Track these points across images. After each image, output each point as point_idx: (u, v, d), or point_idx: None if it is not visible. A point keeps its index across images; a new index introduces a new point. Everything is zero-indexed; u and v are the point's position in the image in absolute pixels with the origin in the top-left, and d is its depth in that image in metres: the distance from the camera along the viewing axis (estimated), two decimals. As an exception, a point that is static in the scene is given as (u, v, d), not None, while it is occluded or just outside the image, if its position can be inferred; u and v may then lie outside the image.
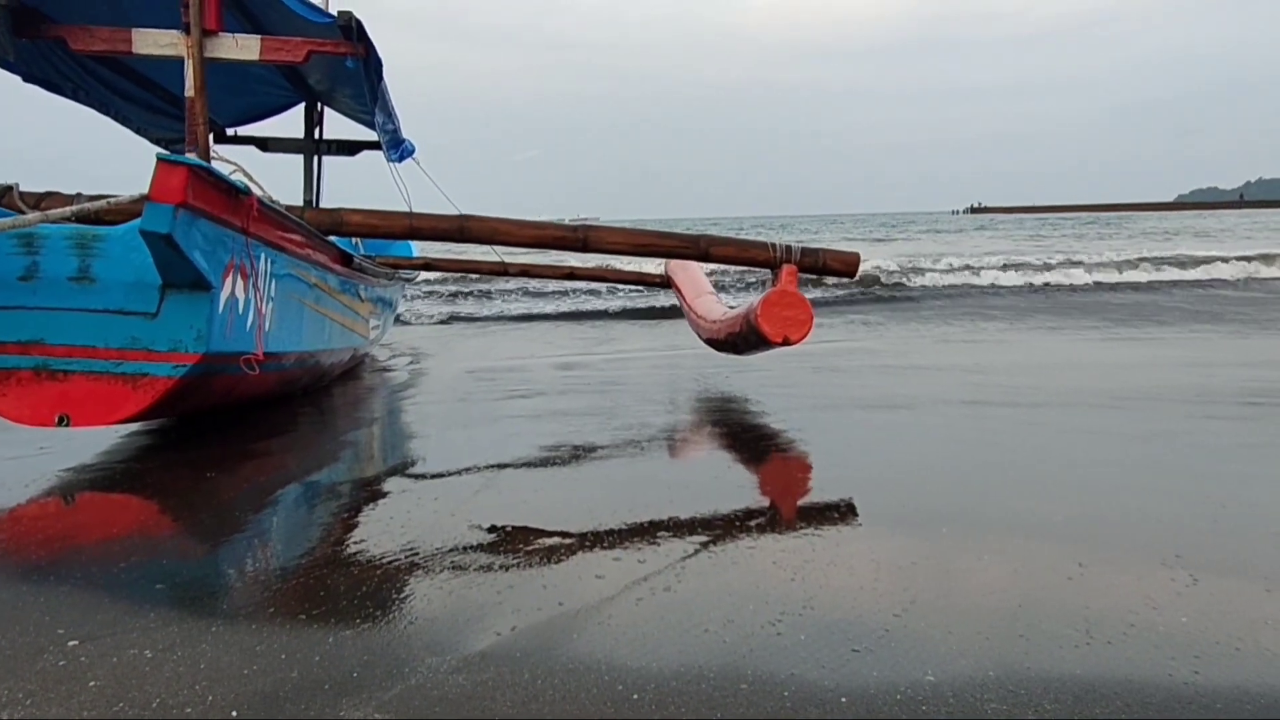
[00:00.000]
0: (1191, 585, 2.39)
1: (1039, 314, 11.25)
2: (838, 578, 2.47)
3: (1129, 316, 10.84)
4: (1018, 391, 5.68)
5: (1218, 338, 8.67)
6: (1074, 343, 8.44)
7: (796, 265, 5.49)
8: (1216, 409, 4.91)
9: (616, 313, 12.49)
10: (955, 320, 10.82)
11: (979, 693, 1.84)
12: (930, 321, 10.74)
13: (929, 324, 10.46)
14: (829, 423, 4.87)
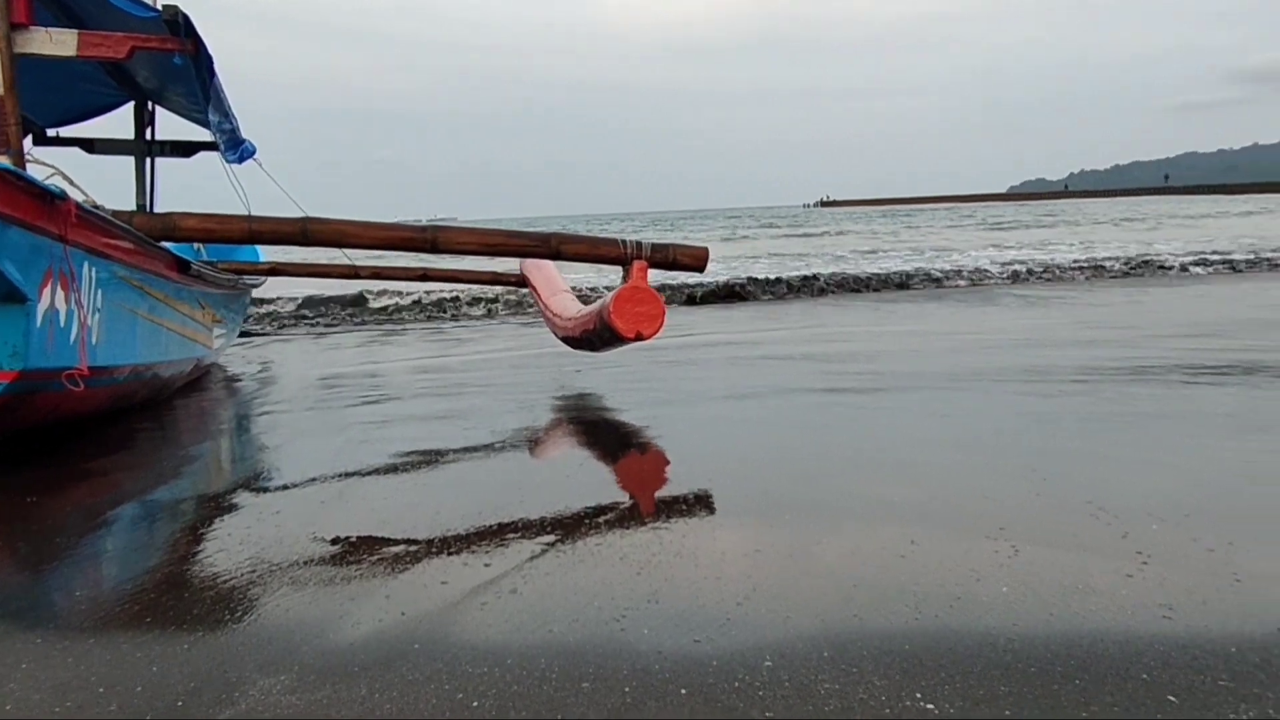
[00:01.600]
0: (1013, 556, 2.52)
1: (891, 303, 11.70)
2: (683, 570, 2.50)
3: (965, 302, 11.39)
4: (860, 377, 5.89)
5: (1052, 312, 9.21)
6: (911, 326, 8.81)
7: (647, 261, 5.55)
8: (1048, 386, 5.21)
9: (479, 315, 12.35)
10: (802, 311, 11.14)
11: (813, 674, 1.90)
12: (779, 314, 11.02)
13: (778, 317, 10.73)
14: (683, 416, 4.93)
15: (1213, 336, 7.27)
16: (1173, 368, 5.72)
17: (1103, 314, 9.43)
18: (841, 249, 24.18)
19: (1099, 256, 16.53)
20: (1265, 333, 7.42)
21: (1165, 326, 8.18)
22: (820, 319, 10.13)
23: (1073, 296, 11.41)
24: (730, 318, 10.65)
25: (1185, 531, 2.66)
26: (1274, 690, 1.79)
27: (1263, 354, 6.17)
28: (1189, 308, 9.67)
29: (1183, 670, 1.87)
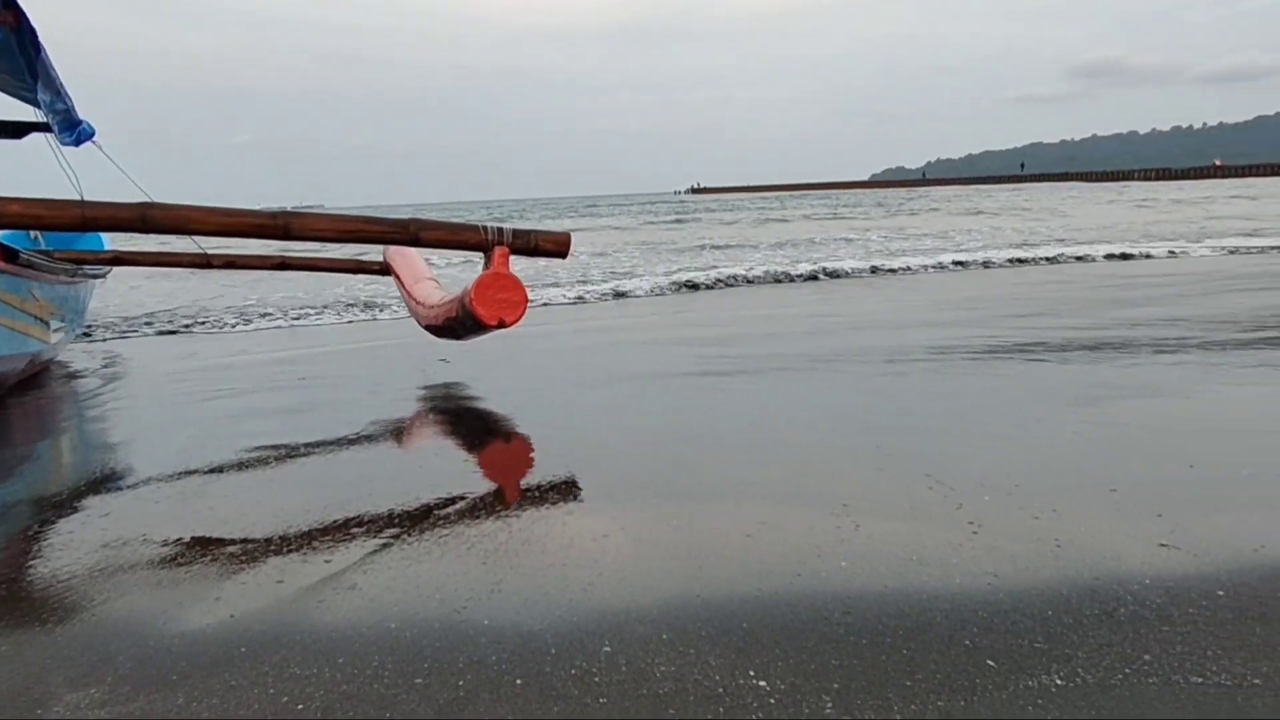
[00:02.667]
0: (854, 531, 2.58)
1: (763, 288, 11.89)
2: (530, 558, 2.47)
3: (824, 294, 11.69)
4: (727, 360, 5.96)
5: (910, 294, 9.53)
6: (780, 311, 8.99)
7: (509, 247, 5.47)
8: (899, 366, 5.38)
9: (348, 303, 11.99)
10: (677, 300, 11.22)
11: (651, 658, 1.90)
12: (654, 302, 11.08)
13: (654, 305, 10.79)
14: (548, 403, 4.89)
15: (1054, 315, 7.65)
16: (1015, 346, 5.98)
17: (954, 296, 9.81)
18: (716, 238, 24.50)
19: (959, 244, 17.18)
20: (1106, 311, 7.84)
21: (1012, 306, 8.56)
22: (695, 305, 10.22)
23: (926, 282, 11.84)
24: (604, 306, 10.65)
25: (1014, 501, 2.78)
26: (1084, 650, 1.88)
27: (1102, 331, 6.53)
28: (1033, 290, 10.16)
29: (1003, 635, 1.95)
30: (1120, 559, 2.30)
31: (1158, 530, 2.48)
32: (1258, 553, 2.31)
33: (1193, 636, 1.92)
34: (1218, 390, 4.41)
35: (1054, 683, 1.75)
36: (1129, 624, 1.98)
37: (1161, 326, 6.63)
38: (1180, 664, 1.81)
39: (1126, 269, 11.83)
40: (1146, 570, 2.23)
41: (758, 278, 12.12)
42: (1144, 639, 1.91)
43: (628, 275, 13.14)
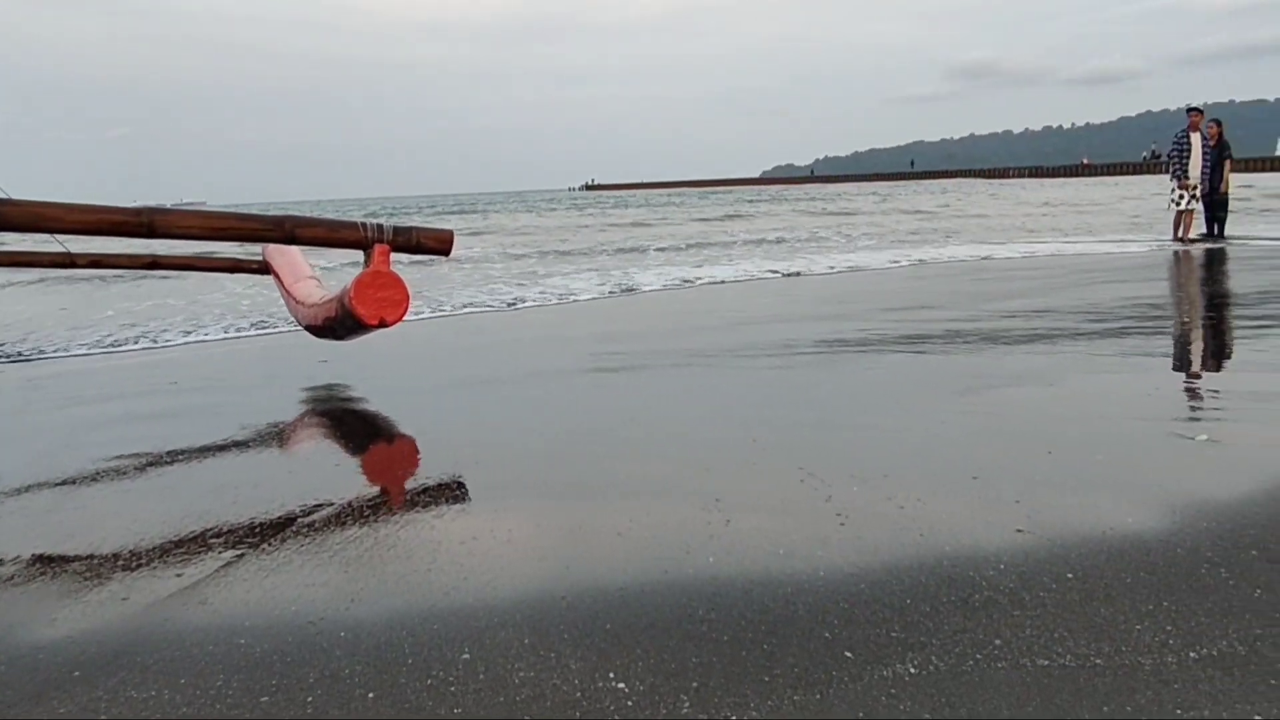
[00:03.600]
0: (725, 526, 2.58)
1: (671, 290, 11.92)
2: (395, 564, 2.40)
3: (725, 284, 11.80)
4: (619, 357, 5.95)
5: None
6: (677, 307, 9.03)
7: (389, 245, 5.35)
8: (783, 360, 5.44)
9: (225, 306, 11.56)
10: (579, 293, 11.18)
11: (510, 664, 1.85)
12: (539, 302, 11.00)
13: (538, 306, 10.72)
14: (433, 403, 4.80)
15: (940, 308, 7.87)
16: (899, 339, 6.13)
17: (842, 291, 10.01)
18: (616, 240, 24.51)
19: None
20: (984, 304, 8.10)
21: (893, 300, 8.78)
22: (590, 306, 10.18)
23: (817, 278, 12.07)
24: (497, 308, 10.52)
25: (882, 491, 2.82)
26: (938, 637, 1.91)
27: (981, 323, 6.74)
28: (923, 284, 10.44)
29: (862, 626, 1.97)
30: (978, 545, 2.35)
31: (1015, 516, 2.54)
32: (1106, 535, 2.39)
33: (1042, 619, 1.97)
34: (1083, 378, 4.58)
35: (908, 671, 1.78)
36: (983, 609, 2.02)
37: (1034, 317, 6.88)
38: (1029, 647, 1.85)
39: (1005, 262, 12.27)
40: (1003, 555, 2.29)
41: (649, 283, 12.16)
42: (996, 624, 1.95)
43: (520, 279, 13.03)
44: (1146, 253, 12.68)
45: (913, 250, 14.94)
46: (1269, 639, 1.85)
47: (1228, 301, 7.81)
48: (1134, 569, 2.19)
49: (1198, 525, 2.42)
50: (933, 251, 14.33)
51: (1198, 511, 2.51)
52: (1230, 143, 13.87)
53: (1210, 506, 2.55)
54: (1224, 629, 1.90)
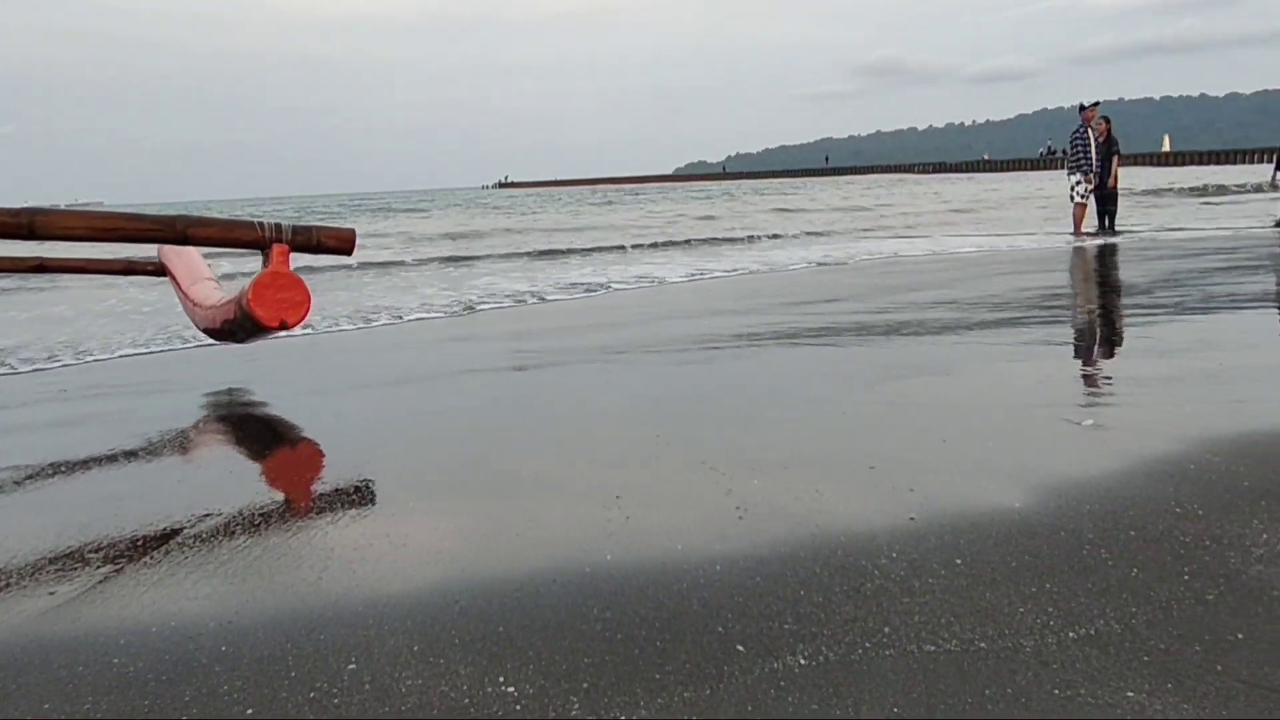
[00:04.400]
0: (624, 523, 2.57)
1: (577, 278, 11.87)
2: (282, 574, 2.33)
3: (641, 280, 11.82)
4: (535, 354, 5.90)
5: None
6: (593, 303, 9.00)
7: (289, 244, 5.21)
8: (688, 355, 5.46)
9: (123, 311, 11.14)
10: (497, 291, 11.06)
11: (398, 672, 1.81)
12: (436, 296, 10.87)
13: (437, 299, 10.58)
14: (339, 404, 4.69)
15: (846, 300, 8.00)
16: (810, 331, 6.21)
17: (760, 286, 10.11)
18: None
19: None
20: (891, 296, 8.26)
21: (805, 294, 8.89)
22: (512, 298, 10.08)
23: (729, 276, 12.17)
24: (409, 304, 10.35)
25: (782, 483, 2.84)
26: (829, 627, 1.92)
27: (891, 315, 6.86)
28: (824, 278, 10.61)
29: (755, 619, 1.97)
30: (873, 535, 2.38)
31: (908, 505, 2.58)
32: (994, 521, 2.44)
33: (930, 606, 2.00)
34: (981, 367, 4.70)
35: (798, 663, 1.78)
36: (874, 598, 2.04)
37: (938, 309, 7.03)
38: (917, 634, 1.88)
39: (914, 254, 12.53)
40: (895, 544, 2.32)
41: (571, 283, 12.10)
42: (886, 612, 1.98)
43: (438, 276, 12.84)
44: (1045, 246, 13.09)
45: (829, 244, 15.18)
46: (1143, 616, 1.91)
47: (1119, 291, 8.10)
48: (1020, 553, 2.24)
49: (1081, 508, 2.49)
50: (854, 245, 14.57)
51: (1081, 495, 2.58)
52: (1118, 139, 14.39)
53: (1093, 489, 2.62)
54: (1102, 609, 1.95)
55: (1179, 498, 2.52)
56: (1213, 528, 2.33)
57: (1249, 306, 6.58)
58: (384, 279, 11.99)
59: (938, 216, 21.63)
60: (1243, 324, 5.79)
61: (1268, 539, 2.25)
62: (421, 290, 10.54)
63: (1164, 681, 1.67)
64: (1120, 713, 1.59)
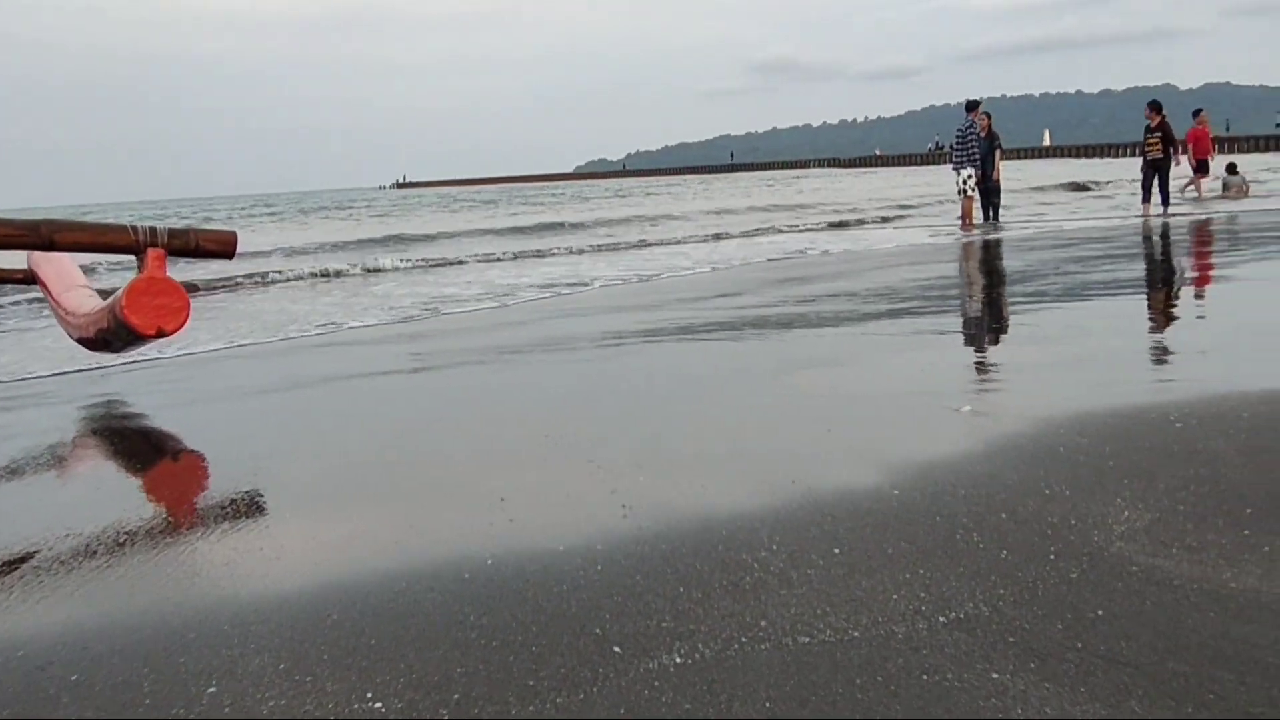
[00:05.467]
0: (508, 525, 2.53)
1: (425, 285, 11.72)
2: (143, 595, 2.22)
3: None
4: (415, 359, 5.79)
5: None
6: (490, 304, 8.89)
7: (164, 249, 5.01)
8: (581, 354, 5.43)
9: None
10: (383, 293, 10.85)
11: (262, 693, 1.73)
12: (321, 302, 10.64)
13: (330, 304, 10.35)
14: (217, 415, 4.52)
15: (745, 294, 8.08)
16: (704, 326, 6.24)
17: (655, 284, 10.14)
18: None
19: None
20: (789, 289, 8.37)
21: (707, 289, 8.95)
22: (399, 300, 9.90)
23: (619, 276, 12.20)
24: (295, 304, 10.07)
25: (667, 480, 2.84)
26: (707, 623, 1.91)
27: (787, 308, 6.95)
28: (727, 274, 10.71)
29: (634, 618, 1.95)
30: (754, 529, 2.38)
31: (791, 496, 2.60)
32: (873, 509, 2.47)
33: (807, 597, 2.01)
34: (871, 357, 4.80)
35: (674, 662, 1.77)
36: (752, 592, 2.05)
37: (833, 301, 7.16)
38: (793, 626, 1.89)
39: (814, 248, 12.75)
40: (776, 536, 2.33)
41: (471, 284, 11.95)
42: (764, 605, 1.98)
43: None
44: (935, 238, 13.45)
45: (733, 240, 15.34)
46: (1010, 598, 1.96)
47: (1002, 281, 8.38)
48: (896, 539, 2.28)
49: (957, 493, 2.55)
50: (757, 240, 14.75)
51: (957, 480, 2.64)
52: (1000, 134, 14.88)
53: (969, 475, 2.68)
54: (971, 592, 1.99)
55: (1048, 480, 2.60)
56: (1079, 507, 2.40)
57: (1119, 293, 6.87)
58: (281, 285, 11.66)
59: (837, 213, 22.04)
60: (1112, 310, 6.04)
61: (1129, 516, 2.33)
62: (325, 296, 10.29)
63: (1027, 661, 1.71)
64: (984, 694, 1.62)
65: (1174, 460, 2.69)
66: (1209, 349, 4.45)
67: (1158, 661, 1.69)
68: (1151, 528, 2.26)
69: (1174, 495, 2.44)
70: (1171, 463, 2.67)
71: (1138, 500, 2.43)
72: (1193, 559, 2.09)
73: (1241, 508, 2.34)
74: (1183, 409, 3.14)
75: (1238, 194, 17.88)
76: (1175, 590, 1.96)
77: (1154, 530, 2.25)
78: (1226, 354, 4.27)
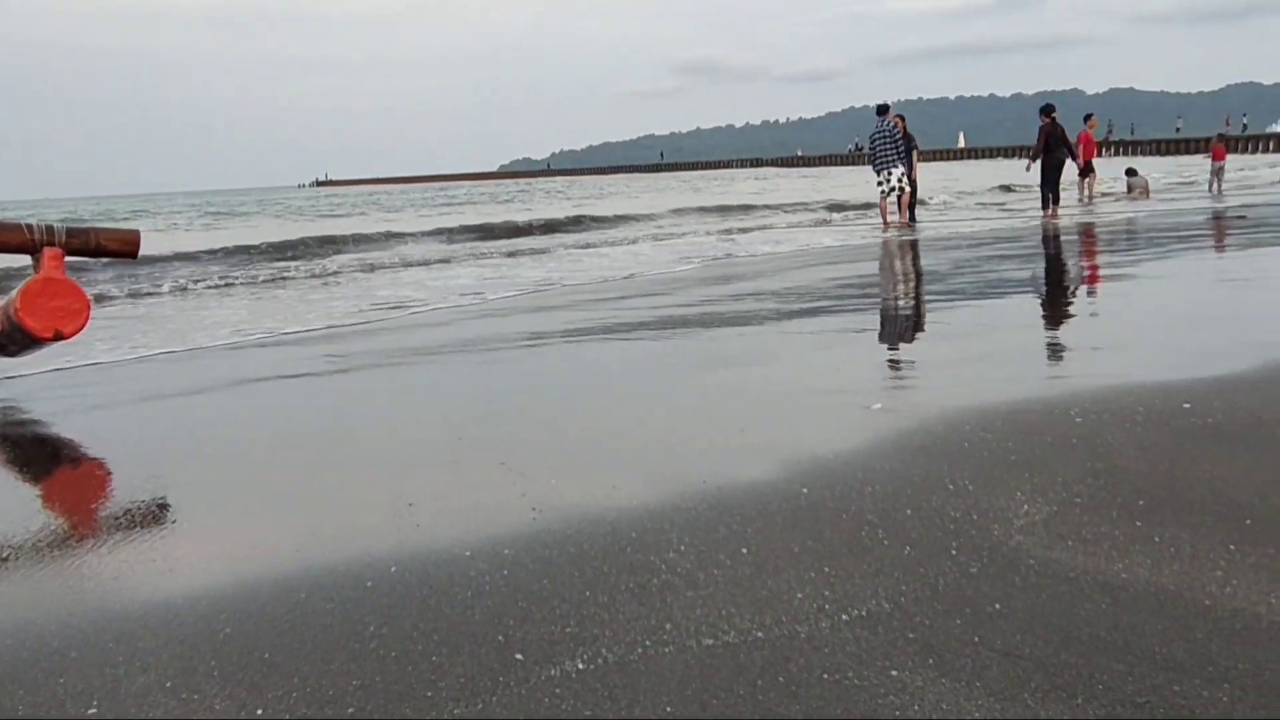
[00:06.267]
0: (415, 531, 2.47)
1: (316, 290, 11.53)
2: (23, 611, 2.11)
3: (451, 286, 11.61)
4: (325, 360, 5.66)
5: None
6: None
7: (62, 248, 4.82)
8: (496, 355, 5.38)
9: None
10: (296, 298, 10.61)
11: (145, 712, 1.66)
12: (211, 305, 10.38)
13: (218, 307, 10.10)
14: (117, 422, 4.36)
15: (668, 294, 8.09)
16: (621, 326, 6.23)
17: (575, 285, 10.10)
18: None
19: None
20: (709, 289, 8.40)
21: (629, 288, 8.94)
22: (297, 305, 9.68)
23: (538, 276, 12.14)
24: (202, 308, 9.79)
25: (578, 481, 2.81)
26: (611, 628, 1.89)
27: (708, 307, 6.97)
28: (654, 273, 10.73)
29: (538, 624, 1.92)
30: (662, 529, 2.37)
31: (701, 495, 2.59)
32: (782, 508, 2.48)
33: (714, 598, 2.00)
34: (790, 356, 4.83)
35: (576, 668, 1.75)
36: (659, 594, 2.03)
37: (755, 300, 7.21)
38: (697, 628, 1.88)
39: (736, 251, 12.84)
40: (685, 537, 2.32)
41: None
42: (669, 607, 1.97)
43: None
44: (854, 239, 13.66)
45: (657, 241, 15.36)
46: (912, 594, 1.98)
47: (918, 279, 8.53)
48: (803, 538, 2.29)
49: (864, 490, 2.57)
50: (677, 243, 14.79)
51: (865, 476, 2.66)
52: (914, 135, 15.19)
53: (877, 471, 2.71)
54: (875, 589, 2.01)
55: (952, 475, 2.64)
56: (981, 502, 2.44)
57: (1027, 291, 7.05)
58: (191, 284, 11.31)
59: (762, 215, 22.24)
60: (1020, 307, 6.20)
61: (1028, 510, 2.38)
62: (233, 299, 10.01)
63: (926, 657, 1.73)
64: (882, 692, 1.63)
65: (1073, 453, 2.75)
66: (1110, 344, 4.58)
67: (1051, 654, 1.72)
68: (1049, 521, 2.31)
69: (1071, 488, 2.49)
70: (1070, 456, 2.73)
71: (1037, 494, 2.48)
72: (1087, 551, 2.14)
73: (1135, 499, 2.41)
74: (1083, 403, 3.22)
75: (1139, 195, 18.55)
76: (1070, 582, 2.00)
77: (1051, 523, 2.29)
78: (1127, 349, 4.40)
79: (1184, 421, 2.96)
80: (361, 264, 13.09)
